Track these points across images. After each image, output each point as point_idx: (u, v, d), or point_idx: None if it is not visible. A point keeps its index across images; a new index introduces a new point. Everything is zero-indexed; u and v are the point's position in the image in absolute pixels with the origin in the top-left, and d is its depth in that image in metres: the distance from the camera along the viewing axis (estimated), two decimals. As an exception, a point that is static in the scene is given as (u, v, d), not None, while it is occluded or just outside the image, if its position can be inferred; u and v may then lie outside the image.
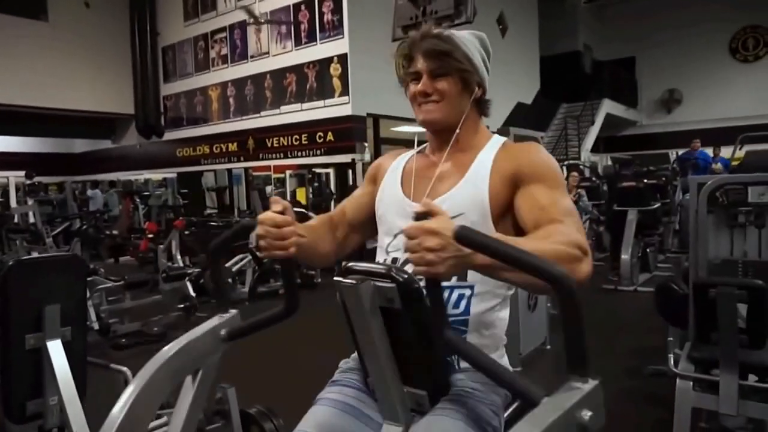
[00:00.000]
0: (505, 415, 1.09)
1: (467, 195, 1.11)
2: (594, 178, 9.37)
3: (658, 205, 6.23)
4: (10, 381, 1.68)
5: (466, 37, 1.16)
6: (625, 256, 5.78)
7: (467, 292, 1.10)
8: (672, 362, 2.41)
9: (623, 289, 5.76)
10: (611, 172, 11.56)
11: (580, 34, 16.32)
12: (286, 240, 1.02)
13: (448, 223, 0.81)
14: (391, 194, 1.23)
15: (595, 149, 15.07)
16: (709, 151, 10.17)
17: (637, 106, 16.91)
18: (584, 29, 16.48)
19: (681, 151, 11.08)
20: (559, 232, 0.96)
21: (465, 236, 0.78)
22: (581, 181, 7.85)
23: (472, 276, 1.08)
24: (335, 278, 0.93)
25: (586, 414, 0.65)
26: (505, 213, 1.11)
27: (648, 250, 6.37)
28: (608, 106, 14.86)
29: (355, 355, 1.16)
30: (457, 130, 1.17)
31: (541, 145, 1.20)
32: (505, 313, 1.19)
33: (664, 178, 7.54)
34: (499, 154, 1.15)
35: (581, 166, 10.94)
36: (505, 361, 1.16)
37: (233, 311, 1.18)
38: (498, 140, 1.21)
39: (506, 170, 1.11)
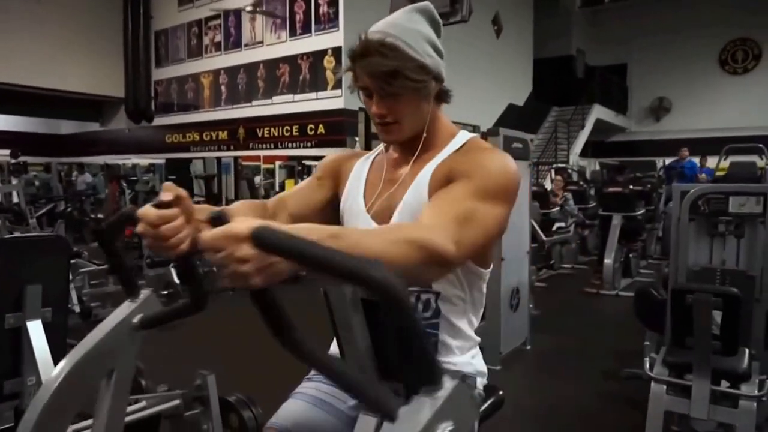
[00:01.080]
0: (480, 410, 1.11)
1: (413, 200, 1.04)
2: (581, 182, 9.46)
3: (642, 211, 6.31)
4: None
5: (410, 28, 1.00)
6: (607, 261, 5.85)
7: (432, 296, 1.07)
8: (647, 366, 2.46)
9: (605, 293, 5.84)
10: (599, 177, 11.71)
11: (573, 38, 16.42)
12: (174, 237, 0.86)
13: (251, 225, 0.64)
14: (354, 206, 1.15)
15: (583, 154, 15.20)
16: (697, 161, 10.31)
17: (626, 113, 17.08)
18: (578, 34, 16.59)
19: (668, 160, 11.22)
20: (411, 227, 0.88)
21: (262, 238, 0.62)
22: (568, 185, 7.91)
23: (436, 283, 1.05)
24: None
25: (446, 428, 0.61)
26: None
27: (631, 255, 6.45)
28: (598, 112, 14.99)
29: (332, 349, 1.18)
30: (424, 135, 1.08)
31: (502, 154, 1.04)
32: (476, 314, 1.14)
33: (649, 185, 7.64)
34: (450, 156, 1.06)
35: (569, 170, 11.04)
36: (479, 360, 1.14)
37: (145, 293, 1.04)
38: (460, 140, 1.10)
39: (442, 173, 1.03)
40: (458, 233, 0.86)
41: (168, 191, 0.88)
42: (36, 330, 1.68)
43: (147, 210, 0.86)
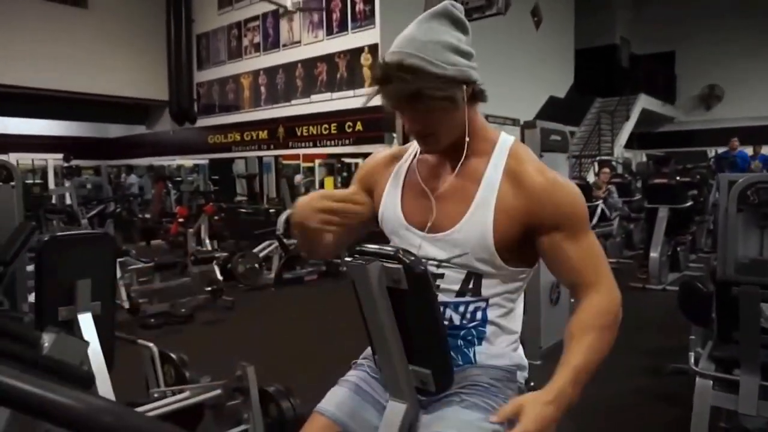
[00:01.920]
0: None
1: (473, 233, 1.03)
2: (626, 175, 9.20)
3: (690, 203, 6.08)
4: (44, 350, 1.76)
5: (428, 41, 0.98)
6: (654, 254, 5.68)
7: (482, 304, 1.09)
8: (693, 360, 2.38)
9: (651, 288, 5.67)
10: (645, 169, 11.35)
11: (617, 27, 15.93)
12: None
13: (540, 417, 0.94)
14: (393, 219, 1.15)
15: (629, 145, 14.75)
16: (749, 150, 9.88)
17: (674, 102, 16.47)
18: (622, 22, 16.09)
19: (719, 150, 10.78)
20: (600, 311, 1.05)
21: None
22: (612, 178, 7.71)
23: (486, 291, 1.08)
24: (346, 259, 0.97)
25: None
26: (513, 248, 1.05)
27: (679, 249, 6.24)
28: (644, 102, 14.51)
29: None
30: (467, 140, 1.07)
31: (564, 180, 1.08)
32: (519, 309, 1.17)
33: (698, 176, 7.36)
34: (504, 181, 1.05)
35: (613, 162, 10.74)
36: (519, 354, 1.16)
37: None
38: (503, 147, 1.09)
39: (515, 208, 1.03)
40: (607, 269, 1.07)
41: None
42: (86, 322, 1.77)
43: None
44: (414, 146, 1.20)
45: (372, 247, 0.96)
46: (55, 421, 0.42)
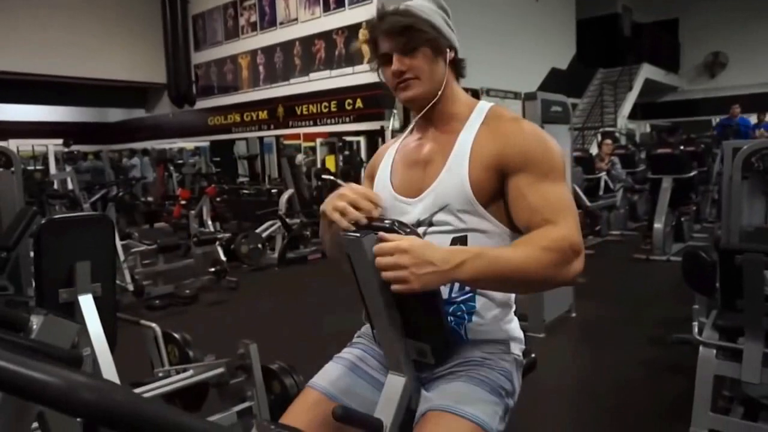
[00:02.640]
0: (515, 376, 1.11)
1: (450, 184, 1.06)
2: (630, 146, 9.11)
3: (694, 173, 6.03)
4: (46, 333, 1.76)
5: (422, 4, 1.10)
6: (657, 225, 5.65)
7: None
8: (696, 330, 2.38)
9: (655, 259, 5.65)
10: (649, 140, 11.25)
11: (619, -5, 15.65)
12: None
13: (416, 240, 0.89)
14: (383, 190, 1.18)
15: (632, 116, 14.60)
16: (754, 118, 9.76)
17: (678, 71, 16.25)
18: (624, -10, 15.80)
19: (721, 117, 10.66)
20: (548, 236, 0.96)
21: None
22: (615, 149, 7.64)
23: None
24: (340, 233, 0.95)
25: None
26: (494, 198, 1.06)
27: (683, 219, 6.20)
28: (647, 71, 14.32)
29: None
30: (434, 100, 1.11)
31: (534, 128, 1.09)
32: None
33: (702, 145, 7.29)
34: (480, 133, 1.09)
35: (617, 134, 10.64)
36: (513, 326, 1.14)
37: None
38: (481, 110, 1.14)
39: (487, 156, 1.05)
40: (570, 221, 0.99)
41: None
42: (87, 304, 1.77)
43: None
44: (404, 135, 1.26)
45: (367, 221, 0.95)
46: (32, 398, 0.41)
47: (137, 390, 1.91)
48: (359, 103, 9.42)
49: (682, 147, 6.08)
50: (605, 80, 14.29)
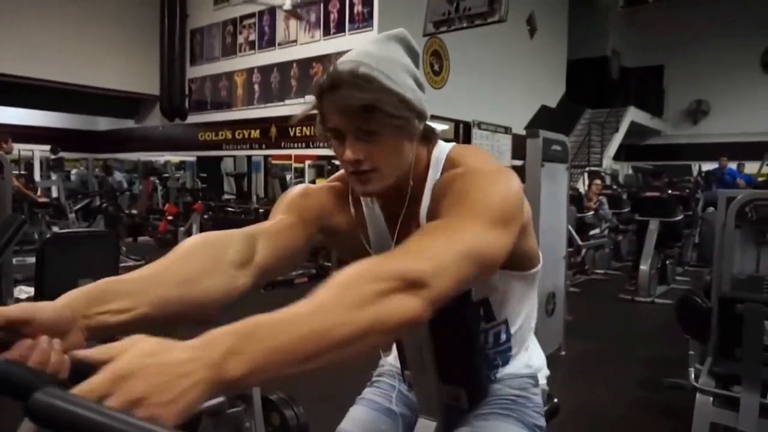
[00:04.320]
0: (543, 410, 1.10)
1: None
2: (615, 186, 9.29)
3: (681, 217, 6.15)
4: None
5: (387, 57, 0.86)
6: (643, 267, 5.73)
7: (502, 326, 1.03)
8: (693, 376, 2.39)
9: (640, 300, 5.72)
10: (633, 181, 11.47)
11: (609, 39, 16.11)
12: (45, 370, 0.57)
13: (139, 348, 0.50)
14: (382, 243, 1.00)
15: (616, 157, 14.91)
16: (734, 166, 10.05)
17: (662, 116, 16.69)
18: (614, 35, 16.28)
19: (705, 164, 10.95)
20: (368, 268, 0.66)
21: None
22: (603, 189, 7.78)
23: (498, 309, 1.00)
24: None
25: None
26: None
27: (667, 262, 6.30)
28: (633, 114, 14.68)
29: (392, 354, 1.18)
30: (411, 184, 0.92)
31: (493, 171, 0.86)
32: (534, 313, 1.11)
33: (687, 190, 7.46)
34: (434, 193, 0.90)
35: (603, 174, 10.84)
36: (535, 351, 1.13)
37: None
38: (436, 165, 0.94)
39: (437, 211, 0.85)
40: (432, 254, 0.70)
41: None
42: (87, 323, 1.72)
43: None
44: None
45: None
46: None
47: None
48: (353, 129, 9.47)
49: (669, 191, 6.21)
50: (593, 120, 14.61)
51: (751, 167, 10.60)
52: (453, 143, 0.97)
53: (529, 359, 1.09)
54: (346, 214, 1.01)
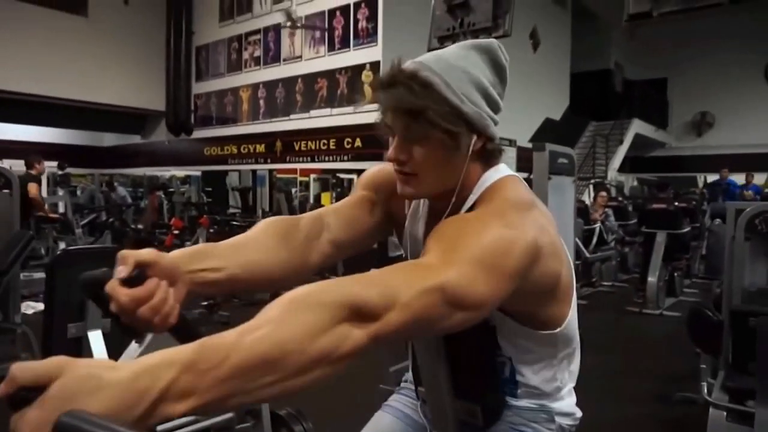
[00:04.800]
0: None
1: None
2: (620, 198, 9.26)
3: (688, 229, 6.12)
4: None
5: (456, 66, 0.84)
6: (651, 279, 5.69)
7: (507, 361, 0.94)
8: (705, 391, 2.36)
9: (648, 312, 5.67)
10: (638, 193, 11.45)
11: (612, 52, 16.18)
12: (156, 315, 0.72)
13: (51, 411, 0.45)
14: (416, 247, 0.97)
15: (621, 169, 14.89)
16: (741, 177, 10.03)
17: (666, 128, 16.69)
18: (616, 48, 16.34)
19: (710, 176, 10.94)
20: (332, 288, 0.63)
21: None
22: (608, 201, 7.76)
23: (505, 346, 0.92)
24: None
25: None
26: None
27: (675, 274, 6.26)
28: (637, 126, 14.69)
29: (408, 374, 1.17)
30: (453, 199, 0.88)
31: (519, 192, 0.85)
32: (564, 373, 1.00)
33: (693, 202, 7.43)
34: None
35: (608, 185, 10.83)
36: (566, 402, 1.02)
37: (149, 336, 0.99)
38: (479, 188, 0.89)
39: None
40: (389, 281, 0.67)
41: (126, 264, 0.71)
42: (97, 340, 1.71)
43: (116, 289, 0.70)
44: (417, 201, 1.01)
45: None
46: None
47: None
48: (358, 143, 9.51)
49: (676, 203, 6.19)
50: (597, 132, 14.63)
51: (757, 179, 10.58)
52: (509, 172, 0.91)
53: (550, 403, 0.99)
54: (401, 209, 1.02)
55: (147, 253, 0.73)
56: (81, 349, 1.72)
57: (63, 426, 0.43)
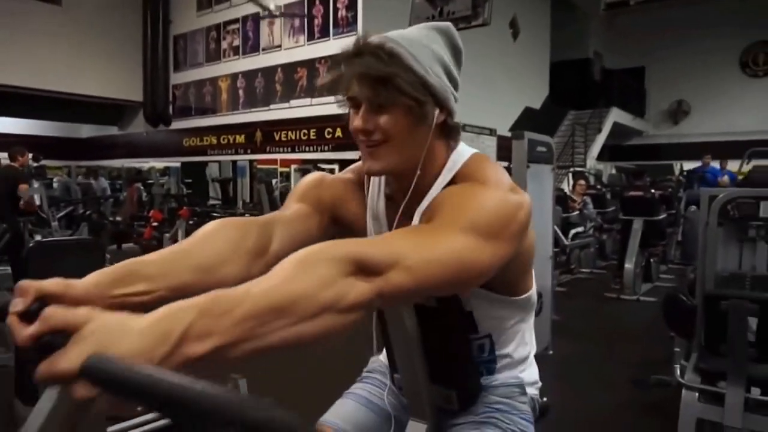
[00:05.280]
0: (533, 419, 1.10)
1: None
2: (599, 186, 9.39)
3: (664, 216, 6.23)
4: (24, 362, 1.69)
5: (419, 41, 0.87)
6: (628, 266, 5.79)
7: (486, 341, 1.00)
8: (678, 373, 2.42)
9: (626, 298, 5.78)
10: (617, 181, 11.60)
11: (590, 41, 16.30)
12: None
13: (81, 352, 0.48)
14: None
15: (600, 157, 15.06)
16: (716, 165, 10.20)
17: (644, 116, 16.91)
18: (595, 37, 16.47)
19: (687, 163, 11.11)
20: (339, 246, 0.67)
21: (93, 372, 0.47)
22: (587, 189, 7.86)
23: (483, 324, 0.97)
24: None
25: None
26: None
27: (652, 260, 6.38)
28: (616, 115, 14.86)
29: (383, 353, 1.18)
30: (418, 172, 0.89)
31: (496, 189, 0.83)
32: (530, 335, 1.08)
33: (669, 189, 7.56)
34: (436, 197, 0.88)
35: (586, 174, 10.96)
36: (531, 371, 1.10)
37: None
38: (451, 169, 0.91)
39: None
40: (399, 247, 0.70)
41: (25, 296, 0.60)
42: (73, 332, 1.70)
43: (13, 324, 0.57)
44: (374, 183, 1.01)
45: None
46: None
47: (115, 427, 1.82)
48: (339, 133, 9.47)
49: (653, 190, 6.29)
50: (576, 121, 14.75)
51: (731, 166, 10.77)
52: (475, 151, 0.94)
53: (519, 373, 1.06)
54: (359, 205, 1.02)
55: (52, 284, 0.64)
56: (57, 342, 1.71)
57: (90, 368, 0.47)
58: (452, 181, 0.90)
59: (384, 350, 1.12)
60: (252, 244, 0.87)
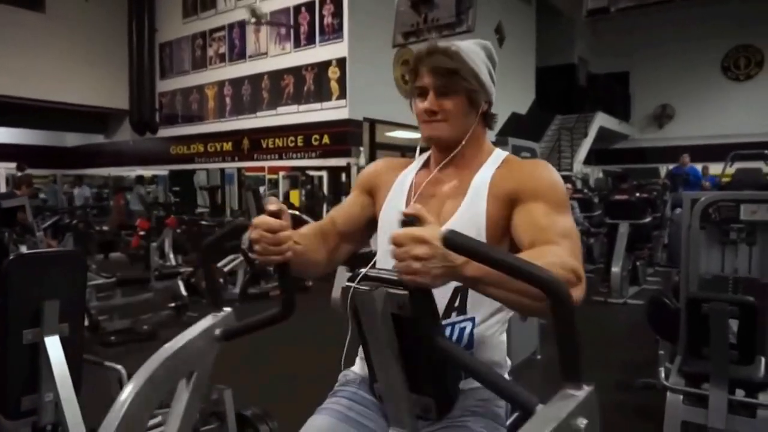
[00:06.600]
0: (507, 423, 1.11)
1: (467, 218, 1.09)
2: (586, 190, 9.45)
3: (649, 219, 6.29)
4: (6, 376, 1.66)
5: (472, 50, 1.13)
6: (615, 269, 5.83)
7: (468, 325, 1.08)
8: (663, 375, 2.44)
9: (612, 302, 5.81)
10: (603, 185, 11.69)
11: (576, 46, 16.47)
12: (282, 245, 1.00)
13: (436, 231, 0.79)
14: (394, 215, 1.12)
15: (587, 161, 15.20)
16: (699, 167, 10.30)
17: (629, 120, 17.09)
18: (580, 42, 16.65)
19: (672, 166, 11.20)
20: (553, 253, 0.91)
21: (454, 241, 0.75)
22: (573, 193, 7.91)
23: (472, 307, 1.08)
24: (347, 283, 0.94)
25: (582, 422, 0.66)
26: (502, 235, 1.09)
27: (638, 263, 6.43)
28: (601, 119, 15.00)
29: (356, 366, 1.19)
30: (462, 143, 1.15)
31: (547, 166, 1.13)
32: (504, 336, 1.19)
33: (655, 192, 7.63)
34: (497, 173, 1.13)
35: (573, 178, 11.03)
36: (508, 364, 1.19)
37: (227, 310, 1.19)
38: (498, 156, 1.18)
39: (504, 190, 1.09)
40: (575, 250, 0.97)
41: (273, 203, 1.00)
42: (54, 346, 1.68)
43: (265, 218, 0.99)
44: (418, 160, 1.27)
45: (375, 271, 0.94)
46: None
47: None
48: (326, 139, 9.47)
49: (637, 194, 6.35)
50: (562, 126, 14.88)
51: (715, 169, 10.91)
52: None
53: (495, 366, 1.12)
54: (389, 179, 1.26)
55: (277, 205, 1.01)
56: (38, 355, 1.69)
57: (451, 236, 0.76)
58: (501, 165, 1.15)
59: (362, 361, 1.12)
60: (326, 234, 1.26)
